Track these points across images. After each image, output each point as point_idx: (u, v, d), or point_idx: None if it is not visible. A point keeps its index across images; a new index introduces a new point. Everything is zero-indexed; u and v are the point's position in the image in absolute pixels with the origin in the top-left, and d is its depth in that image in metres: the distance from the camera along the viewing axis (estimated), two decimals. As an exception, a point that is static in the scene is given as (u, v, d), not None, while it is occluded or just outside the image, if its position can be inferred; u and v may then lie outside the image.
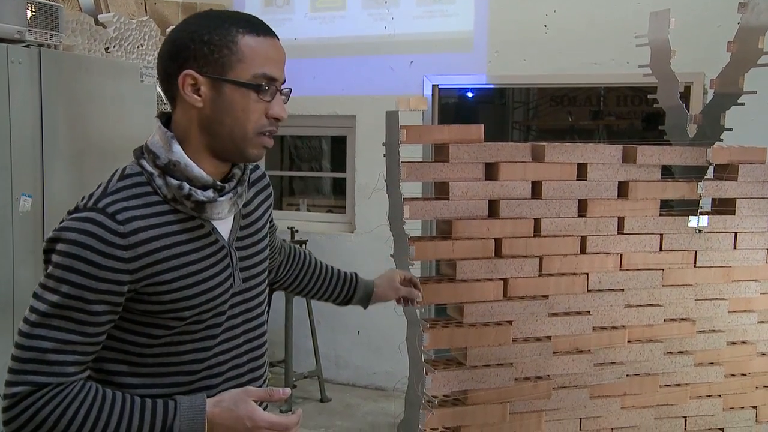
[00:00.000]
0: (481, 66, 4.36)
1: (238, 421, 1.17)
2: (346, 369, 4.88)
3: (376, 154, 2.23)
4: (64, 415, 1.12)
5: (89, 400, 1.14)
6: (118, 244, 1.13)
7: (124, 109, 3.41)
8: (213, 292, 1.25)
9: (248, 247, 1.35)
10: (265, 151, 1.28)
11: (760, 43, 2.39)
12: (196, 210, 1.21)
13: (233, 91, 1.20)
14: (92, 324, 1.15)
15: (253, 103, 1.21)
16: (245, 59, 1.20)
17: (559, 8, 4.18)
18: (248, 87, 1.20)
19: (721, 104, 2.53)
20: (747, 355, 2.48)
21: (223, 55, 1.19)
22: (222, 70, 1.20)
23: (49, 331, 1.12)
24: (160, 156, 1.21)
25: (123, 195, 1.18)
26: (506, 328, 2.19)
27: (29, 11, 3.06)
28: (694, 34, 3.59)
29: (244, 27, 1.21)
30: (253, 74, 1.20)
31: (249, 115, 1.21)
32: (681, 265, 2.39)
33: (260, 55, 1.21)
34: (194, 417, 1.16)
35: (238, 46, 1.20)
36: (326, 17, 4.73)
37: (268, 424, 1.18)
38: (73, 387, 1.14)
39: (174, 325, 1.22)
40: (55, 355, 1.12)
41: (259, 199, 1.43)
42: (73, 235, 1.13)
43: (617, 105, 7.26)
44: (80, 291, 1.12)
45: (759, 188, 2.42)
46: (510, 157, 2.19)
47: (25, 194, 2.98)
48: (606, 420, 2.35)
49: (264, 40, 1.22)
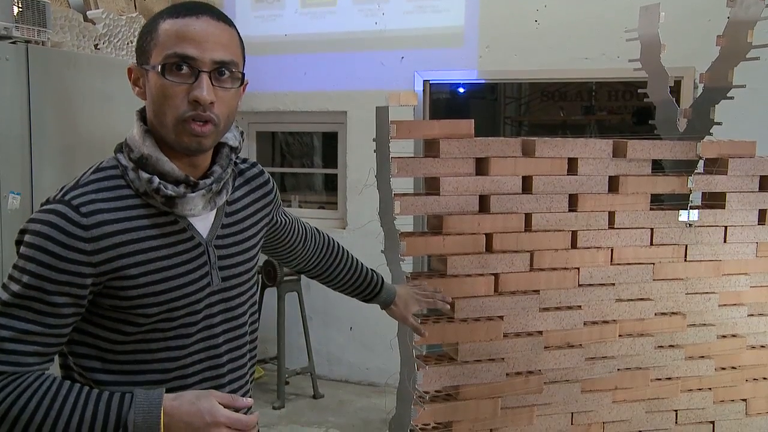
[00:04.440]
0: (472, 61, 4.36)
1: (197, 415, 1.13)
2: (339, 365, 4.88)
3: (367, 150, 2.23)
4: (15, 402, 1.10)
5: (43, 389, 1.12)
6: (79, 236, 1.13)
7: (114, 106, 3.40)
8: (184, 290, 1.22)
9: (230, 246, 1.32)
10: (203, 141, 1.19)
11: (749, 36, 2.40)
12: (166, 205, 1.20)
13: (153, 77, 1.17)
14: (52, 315, 1.13)
15: (170, 87, 1.15)
16: (160, 43, 1.16)
17: (549, 3, 4.18)
18: (158, 70, 1.15)
19: (711, 98, 2.54)
20: (737, 348, 2.49)
21: (146, 42, 1.19)
22: (145, 58, 1.19)
23: (8, 320, 1.11)
24: (134, 149, 1.20)
25: (92, 188, 1.17)
26: (497, 323, 2.19)
27: (16, 7, 3.04)
28: (684, 28, 3.60)
29: (169, 12, 1.19)
30: (164, 55, 1.15)
31: (168, 101, 1.16)
32: (671, 259, 2.39)
33: (174, 35, 1.15)
34: (149, 410, 1.13)
35: (157, 32, 1.18)
36: (317, 13, 4.72)
37: (227, 420, 1.14)
38: (29, 376, 1.12)
39: (142, 322, 1.20)
40: (13, 344, 1.11)
41: (251, 198, 1.40)
42: (38, 227, 1.12)
43: (608, 100, 7.27)
44: (40, 281, 1.11)
45: (748, 182, 2.43)
46: (500, 152, 2.19)
47: (14, 192, 2.96)
48: (597, 414, 2.36)
49: (183, 21, 1.16)
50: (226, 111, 1.21)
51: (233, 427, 1.15)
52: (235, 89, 1.22)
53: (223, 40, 1.19)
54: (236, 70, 1.21)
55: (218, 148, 1.31)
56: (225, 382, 1.31)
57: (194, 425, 1.13)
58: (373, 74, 4.59)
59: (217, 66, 1.17)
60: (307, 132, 5.39)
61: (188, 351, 1.25)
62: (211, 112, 1.17)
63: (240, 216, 1.36)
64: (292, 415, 4.28)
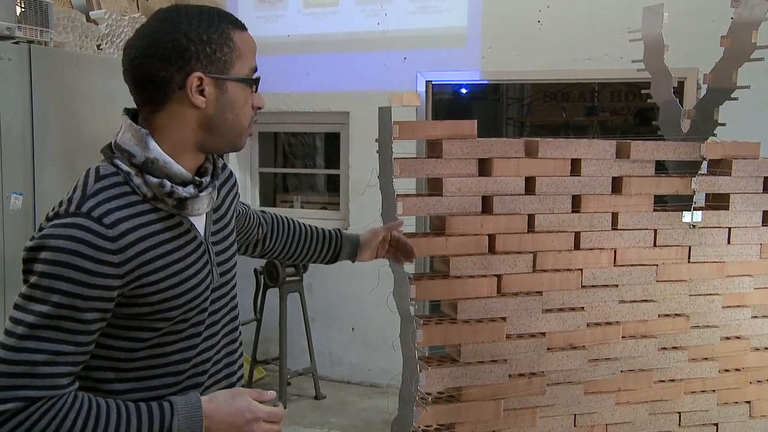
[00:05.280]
0: (475, 62, 4.36)
1: (237, 413, 1.20)
2: (341, 366, 4.87)
3: (369, 151, 2.23)
4: (61, 427, 1.09)
5: (85, 409, 1.11)
6: (108, 249, 1.11)
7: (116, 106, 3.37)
8: (196, 290, 1.24)
9: (222, 241, 1.35)
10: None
11: (753, 37, 2.39)
12: (177, 207, 1.20)
13: (235, 87, 1.22)
14: (84, 333, 1.12)
15: (248, 96, 1.25)
16: (243, 55, 1.22)
17: (552, 4, 4.17)
18: (248, 82, 1.24)
19: (715, 99, 2.53)
20: (741, 350, 2.48)
21: (224, 53, 1.20)
22: (224, 69, 1.20)
23: (39, 343, 1.08)
24: (136, 154, 1.18)
25: (104, 196, 1.14)
26: (500, 325, 2.18)
27: (19, 7, 3.04)
28: (688, 28, 3.59)
29: (233, 23, 1.24)
30: (249, 68, 1.24)
31: (246, 109, 1.25)
32: (675, 261, 2.38)
33: (251, 49, 1.25)
34: (191, 414, 1.16)
35: (235, 43, 1.21)
36: (319, 13, 4.72)
37: (266, 415, 1.22)
38: (67, 398, 1.11)
39: (161, 326, 1.20)
40: (48, 368, 1.08)
41: (224, 191, 1.42)
42: (60, 242, 1.08)
43: (611, 100, 7.26)
44: (72, 300, 1.09)
45: (752, 183, 2.42)
46: (503, 152, 2.19)
47: (16, 192, 2.96)
48: (600, 416, 2.35)
49: (249, 35, 1.26)
50: None
51: (269, 420, 1.23)
52: None
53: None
54: None
55: None
56: (222, 377, 1.34)
57: (236, 424, 1.20)
58: (375, 75, 4.59)
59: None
60: (309, 132, 5.39)
61: (198, 350, 1.27)
62: None
63: (222, 212, 1.39)
64: (294, 416, 4.27)
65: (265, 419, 1.22)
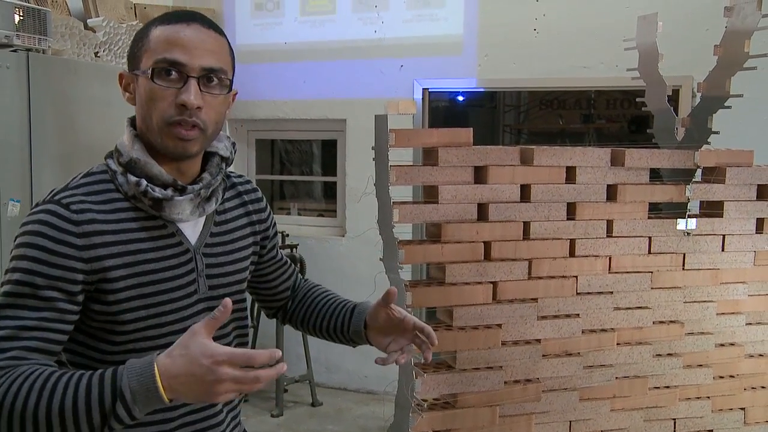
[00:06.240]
0: (471, 69, 4.38)
1: (194, 363, 0.99)
2: (337, 373, 4.87)
3: (366, 158, 2.23)
4: (8, 390, 1.05)
5: (36, 374, 1.07)
6: (70, 231, 1.14)
7: (114, 114, 3.40)
8: (172, 294, 1.22)
9: (218, 255, 1.31)
10: (188, 145, 1.20)
11: (746, 46, 2.41)
12: (154, 208, 1.20)
13: (142, 82, 1.20)
14: (48, 309, 1.12)
15: (158, 90, 1.17)
16: (150, 48, 1.19)
17: (548, 12, 4.20)
18: (148, 74, 1.17)
19: (709, 107, 2.55)
20: (735, 357, 2.49)
21: (137, 48, 1.21)
22: (135, 64, 1.21)
23: (3, 321, 1.11)
24: (123, 153, 1.22)
25: (82, 190, 1.19)
26: (496, 332, 2.19)
27: (17, 15, 3.05)
28: (682, 37, 3.61)
29: (160, 19, 1.21)
30: (154, 60, 1.17)
31: (156, 104, 1.18)
32: (669, 268, 2.40)
33: (164, 41, 1.18)
34: (143, 371, 1.03)
35: (148, 38, 1.20)
36: (316, 21, 4.74)
37: (227, 356, 0.99)
38: (23, 366, 1.08)
39: (131, 329, 1.19)
40: (10, 342, 1.09)
41: (241, 211, 1.39)
42: (28, 227, 1.14)
43: (607, 108, 7.30)
44: (31, 277, 1.12)
45: (746, 191, 2.44)
46: (499, 160, 2.20)
47: (13, 199, 2.97)
48: (595, 422, 2.36)
49: (174, 27, 1.19)
50: (213, 117, 1.22)
51: (233, 362, 0.99)
52: (224, 96, 1.24)
53: (212, 48, 1.21)
54: (225, 77, 1.23)
55: (209, 156, 1.32)
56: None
57: (196, 374, 0.99)
58: (372, 82, 4.61)
59: (206, 72, 1.19)
60: (306, 140, 5.40)
61: None
62: (198, 117, 1.19)
63: (230, 226, 1.36)
64: (291, 422, 4.27)
65: (227, 362, 0.98)
